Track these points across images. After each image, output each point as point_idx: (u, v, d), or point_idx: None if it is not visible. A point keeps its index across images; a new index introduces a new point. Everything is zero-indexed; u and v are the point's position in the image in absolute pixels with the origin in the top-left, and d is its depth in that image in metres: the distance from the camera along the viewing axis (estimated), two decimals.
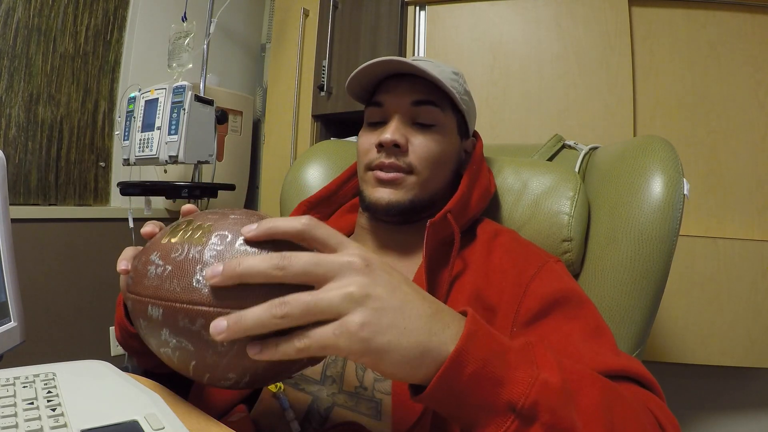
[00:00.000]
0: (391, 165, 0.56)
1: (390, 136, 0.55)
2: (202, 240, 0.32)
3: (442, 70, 0.59)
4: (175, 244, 0.33)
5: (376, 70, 0.58)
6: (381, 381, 0.50)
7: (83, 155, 1.61)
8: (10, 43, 1.39)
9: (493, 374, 0.31)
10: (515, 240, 0.60)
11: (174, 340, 0.31)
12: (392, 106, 0.58)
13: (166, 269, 0.32)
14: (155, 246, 0.34)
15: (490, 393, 0.31)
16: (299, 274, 0.30)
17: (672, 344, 1.15)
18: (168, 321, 0.31)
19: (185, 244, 0.32)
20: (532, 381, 0.31)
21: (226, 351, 0.31)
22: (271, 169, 1.80)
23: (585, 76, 1.27)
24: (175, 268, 0.31)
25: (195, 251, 0.32)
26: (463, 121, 0.63)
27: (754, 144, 1.18)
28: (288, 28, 1.74)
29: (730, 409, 1.27)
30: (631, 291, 0.59)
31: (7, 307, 0.53)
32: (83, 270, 1.55)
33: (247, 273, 0.29)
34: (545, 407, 0.31)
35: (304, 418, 0.50)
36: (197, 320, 0.30)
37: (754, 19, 1.20)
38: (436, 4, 1.42)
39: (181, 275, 0.31)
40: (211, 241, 0.32)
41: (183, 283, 0.31)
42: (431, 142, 0.57)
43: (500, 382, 0.31)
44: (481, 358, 0.31)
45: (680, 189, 0.59)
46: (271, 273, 0.29)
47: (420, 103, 0.57)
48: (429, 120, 0.58)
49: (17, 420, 0.29)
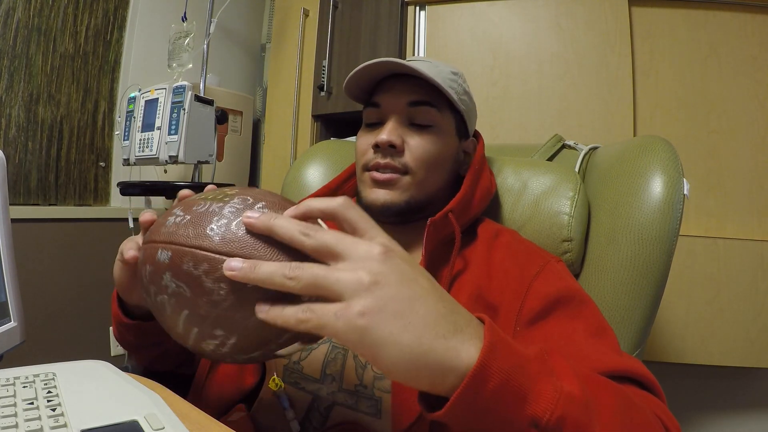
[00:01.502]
0: (386, 165, 0.56)
1: (386, 136, 0.55)
2: (225, 199, 0.34)
3: (440, 71, 0.59)
4: (200, 199, 0.35)
5: (373, 71, 0.58)
6: (381, 379, 0.50)
7: (83, 155, 1.60)
8: (10, 43, 1.39)
9: (516, 389, 0.29)
10: (516, 240, 0.60)
11: (173, 284, 0.32)
12: (389, 107, 0.58)
13: (185, 218, 0.34)
14: (180, 203, 0.37)
15: (513, 409, 0.29)
16: (319, 246, 0.30)
17: (672, 344, 1.15)
18: (173, 264, 0.32)
19: (209, 201, 0.35)
20: (557, 395, 0.29)
21: (221, 300, 0.31)
22: (271, 169, 1.80)
23: (585, 76, 1.27)
24: (193, 217, 0.33)
25: (216, 206, 0.34)
26: (462, 121, 0.62)
27: (754, 144, 1.18)
28: (288, 28, 1.74)
29: (730, 409, 1.27)
30: (631, 291, 0.59)
31: (7, 307, 0.53)
32: (83, 270, 1.55)
33: (277, 227, 0.31)
34: (571, 421, 0.29)
35: (304, 417, 0.50)
36: (201, 264, 0.31)
37: (754, 19, 1.20)
38: (436, 4, 1.42)
39: (198, 223, 0.33)
40: (234, 200, 0.34)
41: (197, 230, 0.32)
42: (428, 143, 0.57)
43: (523, 397, 0.29)
44: (503, 370, 0.29)
45: (680, 189, 0.59)
46: (297, 237, 0.31)
47: (417, 104, 0.57)
48: (426, 120, 0.57)
49: (17, 420, 0.29)
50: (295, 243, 0.31)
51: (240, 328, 0.32)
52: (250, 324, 0.32)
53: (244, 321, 0.32)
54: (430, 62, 0.60)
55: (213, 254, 0.31)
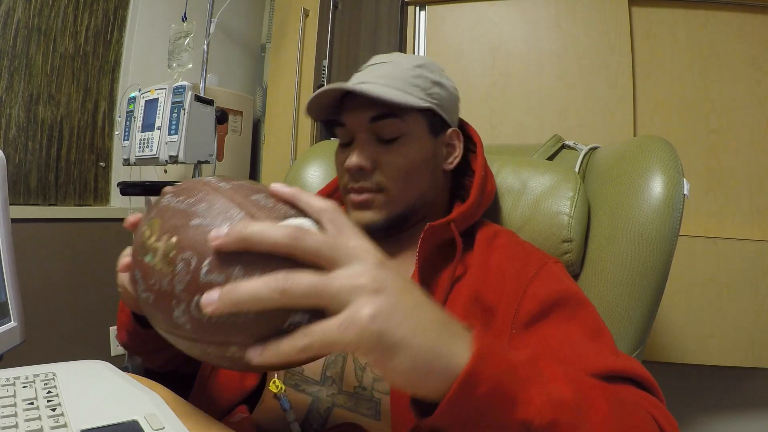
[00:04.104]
0: (360, 188, 0.56)
1: (354, 161, 0.54)
2: (169, 269, 0.29)
3: (401, 71, 0.56)
4: (150, 267, 0.31)
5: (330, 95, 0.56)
6: (380, 381, 0.50)
7: (83, 155, 1.60)
8: (10, 43, 1.39)
9: (506, 393, 0.29)
10: (514, 241, 0.60)
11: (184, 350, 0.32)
12: (353, 126, 0.56)
13: (150, 297, 0.31)
14: (136, 261, 0.33)
15: (503, 414, 0.29)
16: (309, 249, 0.28)
17: (672, 344, 1.15)
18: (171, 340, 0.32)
19: (157, 271, 0.30)
20: (546, 398, 0.29)
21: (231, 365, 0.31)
22: (271, 169, 1.80)
23: (585, 76, 1.27)
24: (155, 299, 0.30)
25: (165, 283, 0.29)
26: (436, 115, 0.59)
27: (754, 144, 1.18)
28: (288, 28, 1.74)
29: (730, 409, 1.27)
30: (631, 291, 0.59)
31: (7, 307, 0.53)
32: (83, 270, 1.55)
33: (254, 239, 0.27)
34: (561, 425, 0.29)
35: (304, 419, 0.50)
36: (193, 347, 0.30)
37: (754, 19, 1.20)
38: (436, 4, 1.42)
39: (163, 309, 0.30)
40: (177, 268, 0.29)
41: (166, 318, 0.30)
42: (398, 157, 0.55)
43: (513, 402, 0.29)
44: (493, 376, 0.29)
45: (680, 189, 0.59)
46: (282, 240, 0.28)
47: (378, 118, 0.54)
48: (392, 133, 0.55)
49: (17, 420, 0.29)
50: (279, 247, 0.28)
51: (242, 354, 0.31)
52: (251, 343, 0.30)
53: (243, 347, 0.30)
54: (391, 63, 0.57)
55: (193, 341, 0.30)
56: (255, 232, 0.27)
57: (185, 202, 0.32)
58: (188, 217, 0.31)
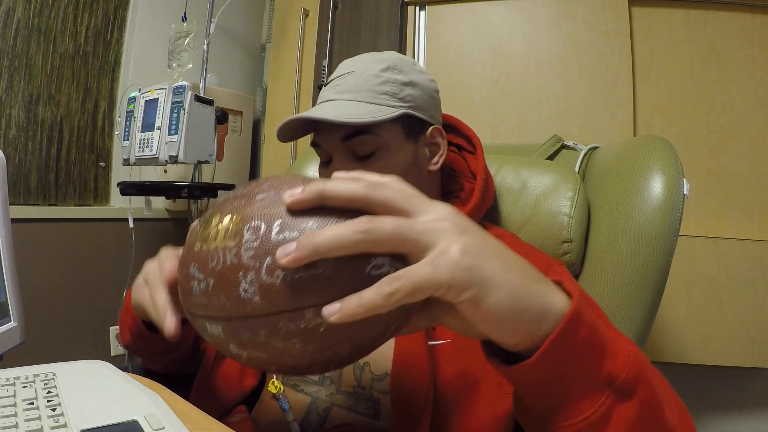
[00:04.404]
0: None
1: None
2: (235, 240, 0.28)
3: (366, 78, 0.54)
4: (210, 251, 0.29)
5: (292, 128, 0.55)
6: (379, 380, 0.50)
7: (83, 155, 1.60)
8: (10, 43, 1.39)
9: (597, 343, 0.29)
10: (516, 243, 0.60)
11: (245, 353, 0.29)
12: (327, 147, 0.56)
13: (209, 283, 0.28)
14: (191, 255, 0.31)
15: (594, 363, 0.28)
16: (387, 199, 0.27)
17: (672, 344, 1.15)
18: (231, 336, 0.29)
19: (219, 251, 0.28)
20: (631, 352, 0.29)
21: (301, 352, 0.28)
22: (271, 169, 1.80)
23: (585, 76, 1.27)
24: (217, 280, 0.28)
25: (231, 256, 0.28)
26: (412, 119, 0.56)
27: (754, 144, 1.18)
28: (288, 28, 1.74)
29: (730, 409, 1.27)
30: (631, 291, 0.59)
31: (7, 307, 0.53)
32: (83, 270, 1.55)
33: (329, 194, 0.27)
34: (644, 381, 0.29)
35: (303, 419, 0.50)
36: (260, 331, 0.27)
37: (754, 19, 1.20)
38: (436, 4, 1.42)
39: (227, 287, 0.28)
40: (244, 238, 0.28)
41: (231, 297, 0.27)
42: (377, 171, 0.54)
43: (603, 353, 0.29)
44: (590, 322, 0.28)
45: (680, 189, 0.59)
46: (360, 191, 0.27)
47: (350, 137, 0.53)
48: (366, 150, 0.53)
49: (17, 420, 0.29)
50: (358, 199, 0.27)
51: (335, 360, 0.30)
52: (342, 353, 0.29)
53: (338, 353, 0.29)
54: (355, 72, 0.55)
55: (262, 317, 0.27)
56: (331, 185, 0.27)
57: (245, 189, 0.31)
58: (251, 196, 0.30)
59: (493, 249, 0.27)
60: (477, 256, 0.26)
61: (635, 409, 0.29)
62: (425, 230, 0.26)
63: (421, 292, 0.25)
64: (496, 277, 0.26)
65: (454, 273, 0.25)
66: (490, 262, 0.26)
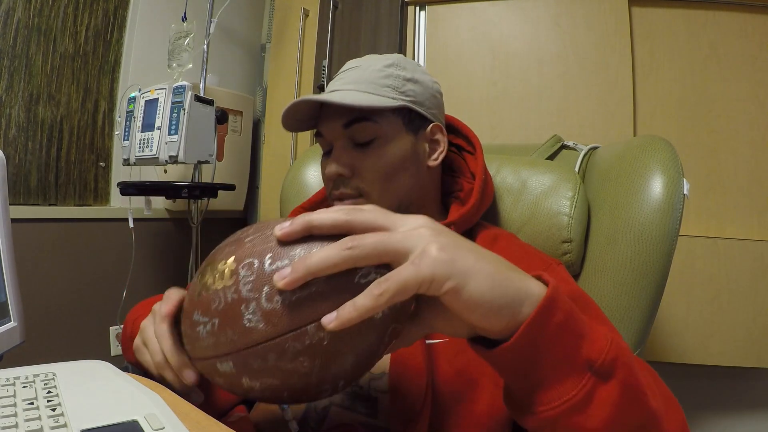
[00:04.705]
0: (342, 195, 0.56)
1: (332, 169, 0.55)
2: (231, 279, 0.31)
3: (370, 72, 0.56)
4: (210, 295, 0.32)
5: (298, 113, 0.57)
6: (377, 379, 0.50)
7: (83, 155, 1.61)
8: (10, 43, 1.39)
9: (574, 328, 0.30)
10: (516, 243, 0.60)
11: (257, 383, 0.31)
12: (329, 135, 0.57)
13: (215, 323, 0.31)
14: (193, 304, 0.33)
15: (572, 346, 0.30)
16: (366, 220, 0.30)
17: (672, 344, 1.15)
18: (242, 369, 0.31)
19: (219, 292, 0.31)
20: (609, 337, 0.31)
21: (310, 370, 0.30)
22: (271, 169, 1.80)
23: (585, 76, 1.27)
24: (222, 319, 0.31)
25: (231, 293, 0.30)
26: (412, 113, 0.58)
27: (754, 144, 1.18)
28: (288, 28, 1.74)
29: (730, 409, 1.27)
30: (631, 291, 0.59)
31: (7, 307, 0.53)
32: (83, 270, 1.55)
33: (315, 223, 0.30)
34: (622, 363, 0.31)
35: (301, 418, 0.50)
36: (268, 356, 0.30)
37: (754, 19, 1.20)
38: (436, 4, 1.42)
39: (231, 322, 0.30)
40: (240, 276, 0.31)
41: (237, 329, 0.30)
42: (375, 159, 0.55)
43: (581, 338, 0.30)
44: (566, 307, 0.30)
45: (680, 189, 0.59)
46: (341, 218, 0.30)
47: (350, 124, 0.55)
48: (365, 137, 0.55)
49: (17, 420, 0.29)
50: (340, 226, 0.30)
51: (341, 374, 0.32)
52: (347, 364, 0.31)
53: (343, 365, 0.31)
54: (360, 66, 0.57)
55: (269, 342, 0.29)
56: (316, 216, 0.31)
57: (232, 238, 0.35)
58: (240, 241, 0.33)
59: (467, 246, 0.30)
60: (453, 251, 0.29)
61: (616, 390, 0.30)
62: (404, 238, 0.29)
63: (407, 288, 0.27)
64: (473, 267, 0.28)
65: (434, 267, 0.27)
66: (466, 255, 0.29)
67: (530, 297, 0.29)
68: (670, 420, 0.34)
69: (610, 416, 0.30)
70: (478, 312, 0.28)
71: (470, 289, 0.28)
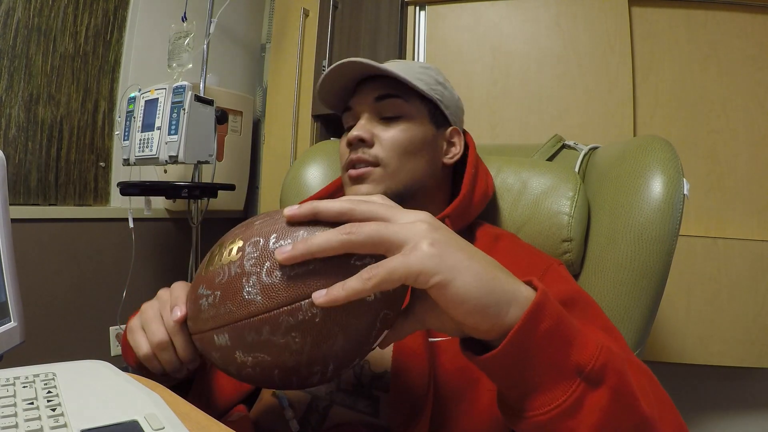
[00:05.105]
0: (359, 159, 0.57)
1: (354, 133, 0.57)
2: (237, 255, 0.33)
3: (409, 67, 0.60)
4: (215, 270, 0.33)
5: (345, 74, 0.60)
6: (378, 378, 0.50)
7: (83, 155, 1.61)
8: (10, 43, 1.39)
9: (563, 335, 0.31)
10: (517, 243, 0.60)
11: (250, 358, 0.32)
12: (359, 107, 0.60)
13: (216, 295, 0.33)
14: (199, 280, 0.35)
15: (561, 353, 0.30)
16: (367, 210, 0.32)
17: (672, 344, 1.15)
18: (237, 342, 0.32)
19: (224, 267, 0.33)
20: (600, 344, 0.31)
21: (301, 347, 0.31)
22: (271, 169, 1.80)
23: (585, 76, 1.27)
24: (223, 291, 0.32)
25: (235, 268, 0.32)
26: (438, 109, 0.61)
27: (754, 144, 1.18)
28: (288, 28, 1.74)
29: (730, 409, 1.27)
30: (631, 291, 0.59)
31: (7, 307, 0.53)
32: (83, 270, 1.55)
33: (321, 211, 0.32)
34: (613, 369, 0.31)
35: (303, 417, 0.50)
36: (263, 329, 0.31)
37: (754, 19, 1.20)
38: (436, 4, 1.42)
39: (232, 294, 0.32)
40: (246, 252, 0.32)
41: (236, 301, 0.31)
42: (397, 132, 0.57)
43: (570, 343, 0.31)
44: (555, 314, 0.30)
45: (680, 189, 0.59)
46: (345, 206, 0.32)
47: (383, 98, 0.58)
48: (394, 112, 0.58)
49: (17, 420, 0.29)
50: (344, 213, 0.32)
51: (331, 355, 0.32)
52: (337, 345, 0.32)
53: (333, 346, 0.32)
54: (401, 62, 0.63)
55: (265, 314, 0.31)
56: (323, 203, 0.32)
57: (244, 223, 0.36)
58: (250, 224, 0.35)
59: (459, 244, 0.31)
60: (444, 247, 0.30)
61: (607, 396, 0.30)
62: (400, 230, 0.30)
63: (394, 277, 0.29)
64: (461, 264, 0.29)
65: (423, 261, 0.29)
66: (455, 252, 0.30)
67: (518, 300, 0.30)
68: (665, 425, 0.34)
69: (600, 422, 0.30)
70: (463, 308, 0.29)
71: (456, 285, 0.29)
